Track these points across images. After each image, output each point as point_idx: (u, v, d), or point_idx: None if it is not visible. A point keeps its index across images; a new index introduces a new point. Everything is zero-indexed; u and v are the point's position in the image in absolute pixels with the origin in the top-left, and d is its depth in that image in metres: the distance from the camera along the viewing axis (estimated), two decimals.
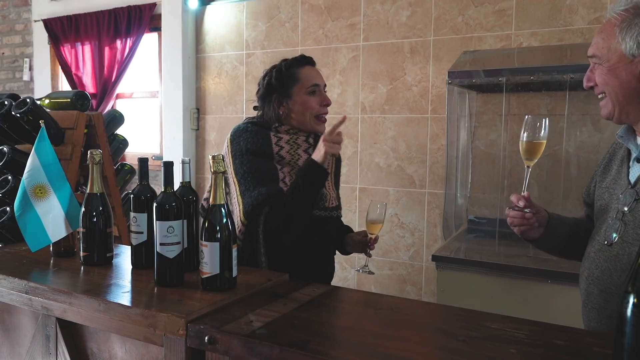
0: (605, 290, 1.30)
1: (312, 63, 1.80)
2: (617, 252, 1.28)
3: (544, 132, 1.40)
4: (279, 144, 1.70)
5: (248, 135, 1.69)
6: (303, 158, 1.72)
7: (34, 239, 1.52)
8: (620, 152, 1.41)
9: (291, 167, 1.71)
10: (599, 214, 1.41)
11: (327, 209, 1.76)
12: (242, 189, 1.64)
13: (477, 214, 2.89)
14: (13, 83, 4.83)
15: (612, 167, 1.42)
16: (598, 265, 1.32)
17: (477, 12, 2.89)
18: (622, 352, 0.86)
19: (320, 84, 1.76)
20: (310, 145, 1.75)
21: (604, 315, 1.31)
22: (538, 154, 1.42)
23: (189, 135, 3.88)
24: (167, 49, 3.86)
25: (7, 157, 2.56)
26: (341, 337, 1.07)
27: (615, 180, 1.37)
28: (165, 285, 1.30)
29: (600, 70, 1.29)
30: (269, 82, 1.77)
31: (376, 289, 3.26)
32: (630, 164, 1.34)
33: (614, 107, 1.29)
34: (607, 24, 1.29)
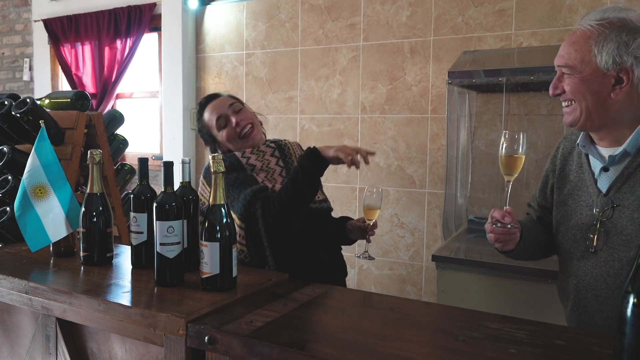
0: (599, 295, 1.33)
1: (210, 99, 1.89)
2: (606, 258, 1.31)
3: (522, 147, 1.39)
4: (245, 155, 1.78)
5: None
6: (273, 161, 1.79)
7: (34, 239, 1.52)
8: (573, 157, 1.44)
9: (266, 173, 1.76)
10: (563, 219, 1.44)
11: (316, 202, 1.80)
12: (229, 201, 1.68)
13: (477, 214, 2.89)
14: (13, 83, 4.83)
15: (568, 173, 1.45)
16: (587, 272, 1.36)
17: (477, 12, 2.89)
18: (622, 352, 0.86)
19: (222, 113, 1.82)
20: (273, 149, 1.82)
21: (599, 317, 1.33)
22: (517, 168, 1.41)
23: (189, 135, 3.88)
24: (167, 49, 3.86)
25: (7, 157, 2.56)
26: (341, 337, 1.07)
27: (578, 187, 1.40)
28: (165, 285, 1.30)
29: (571, 80, 1.32)
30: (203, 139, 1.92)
31: (376, 289, 3.26)
32: (595, 173, 1.37)
33: (581, 114, 1.32)
34: (579, 36, 1.31)
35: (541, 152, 2.68)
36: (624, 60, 1.24)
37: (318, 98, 3.42)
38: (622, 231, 1.29)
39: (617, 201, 1.30)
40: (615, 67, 1.25)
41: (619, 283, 1.28)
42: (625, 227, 1.28)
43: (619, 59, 1.25)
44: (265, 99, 3.61)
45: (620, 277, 1.28)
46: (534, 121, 2.74)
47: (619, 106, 1.28)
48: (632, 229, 1.27)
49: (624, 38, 1.24)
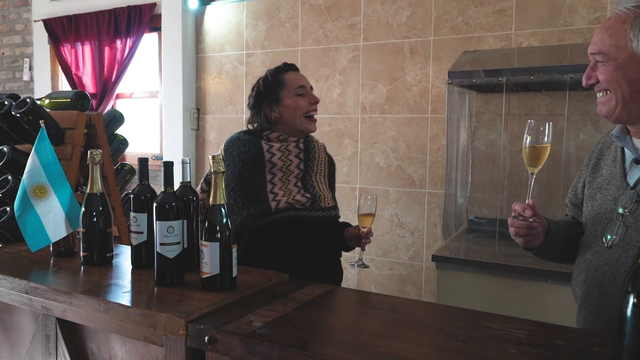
0: (606, 294, 1.27)
1: (295, 69, 1.89)
2: (620, 254, 1.25)
3: (547, 136, 1.32)
4: (270, 151, 1.76)
5: (241, 144, 1.78)
6: (295, 163, 1.79)
7: (34, 239, 1.52)
8: (610, 151, 1.38)
9: (283, 173, 1.76)
10: (590, 215, 1.38)
11: (324, 209, 1.79)
12: (230, 202, 1.70)
13: (477, 214, 2.89)
14: (13, 83, 4.83)
15: (602, 167, 1.39)
16: (597, 268, 1.30)
17: (477, 12, 2.89)
18: (622, 352, 0.85)
19: (306, 85, 1.84)
20: (300, 151, 1.81)
21: (604, 318, 1.28)
22: (542, 159, 1.34)
23: (189, 135, 3.88)
24: (167, 49, 3.86)
25: (7, 157, 2.56)
26: (341, 337, 1.07)
27: (609, 181, 1.34)
28: (165, 285, 1.30)
29: (605, 68, 1.24)
30: (257, 92, 1.85)
31: (376, 289, 3.26)
32: (626, 165, 1.31)
33: (616, 105, 1.25)
34: (614, 20, 1.24)
35: None
36: None
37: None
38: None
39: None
40: None
41: None
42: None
43: None
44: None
45: None
46: None
47: None
48: None
49: None
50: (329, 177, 1.93)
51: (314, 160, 1.84)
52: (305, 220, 1.72)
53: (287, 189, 1.75)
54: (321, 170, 1.88)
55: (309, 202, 1.75)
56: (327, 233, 1.80)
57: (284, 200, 1.72)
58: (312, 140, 1.89)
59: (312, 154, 1.84)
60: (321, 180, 1.87)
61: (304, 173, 1.80)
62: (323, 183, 1.87)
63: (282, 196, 1.73)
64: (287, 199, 1.72)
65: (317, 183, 1.84)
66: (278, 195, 1.73)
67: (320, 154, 1.88)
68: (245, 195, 1.70)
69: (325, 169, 1.91)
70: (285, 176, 1.76)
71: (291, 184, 1.76)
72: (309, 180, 1.82)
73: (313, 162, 1.84)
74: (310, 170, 1.83)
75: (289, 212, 1.71)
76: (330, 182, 1.93)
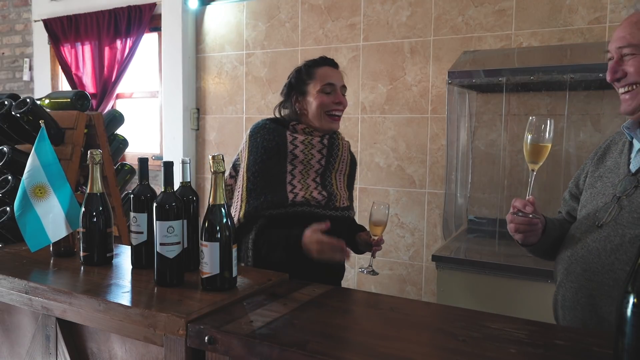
0: (588, 269, 1.29)
1: (332, 64, 1.85)
2: (609, 233, 1.27)
3: (549, 134, 1.34)
4: (294, 142, 1.75)
5: (265, 132, 1.77)
6: (316, 158, 1.78)
7: (34, 239, 1.52)
8: (618, 145, 1.40)
9: (304, 166, 1.76)
10: (586, 202, 1.40)
11: (338, 209, 1.79)
12: (249, 186, 1.70)
13: (477, 214, 2.89)
14: (13, 83, 4.83)
15: (607, 159, 1.41)
16: (584, 246, 1.32)
17: (477, 12, 2.89)
18: (622, 352, 0.85)
19: (336, 84, 1.80)
20: (324, 146, 1.80)
21: (582, 294, 1.30)
22: (543, 157, 1.35)
23: (189, 135, 3.88)
24: (167, 49, 3.86)
25: (7, 157, 2.56)
26: (341, 337, 1.07)
27: (611, 170, 1.37)
28: (165, 285, 1.30)
29: (636, 60, 1.24)
30: (289, 81, 1.85)
31: (376, 289, 3.26)
32: (631, 154, 1.33)
33: None
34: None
35: None
36: None
37: None
38: (637, 209, 1.24)
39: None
40: None
41: (612, 260, 1.25)
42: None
43: None
44: (265, 99, 3.61)
45: (616, 254, 1.24)
46: None
47: None
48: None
49: None
50: (349, 177, 1.92)
51: (336, 158, 1.83)
52: (318, 218, 1.71)
53: (306, 183, 1.74)
54: (342, 169, 1.87)
55: (325, 201, 1.75)
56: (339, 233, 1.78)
57: (301, 195, 1.71)
58: (338, 137, 1.87)
59: (336, 151, 1.83)
60: (340, 179, 1.86)
61: (324, 169, 1.79)
62: (342, 182, 1.86)
63: (299, 189, 1.72)
64: (304, 194, 1.71)
65: (336, 181, 1.84)
66: (296, 187, 1.72)
67: (343, 152, 1.87)
68: (264, 181, 1.69)
69: (347, 168, 1.90)
70: (305, 170, 1.76)
71: (310, 178, 1.76)
72: (328, 177, 1.81)
73: (335, 159, 1.83)
74: (332, 167, 1.82)
75: (304, 208, 1.71)
76: (349, 181, 1.92)
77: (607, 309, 1.24)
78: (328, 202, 1.76)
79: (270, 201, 1.67)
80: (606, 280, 1.25)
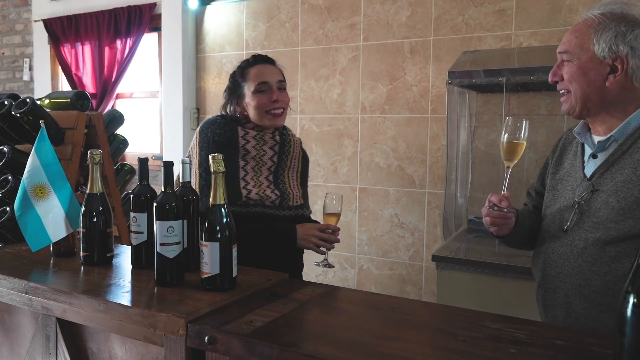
0: (561, 272, 1.40)
1: (265, 61, 1.83)
2: (573, 238, 1.38)
3: (524, 133, 1.43)
4: (245, 137, 1.74)
5: (216, 127, 1.75)
6: (269, 154, 1.76)
7: (34, 239, 1.52)
8: (572, 147, 1.50)
9: (256, 162, 1.74)
10: (550, 203, 1.50)
11: (292, 208, 1.78)
12: (202, 183, 1.69)
13: (477, 214, 2.88)
14: (13, 83, 4.83)
15: (564, 160, 1.51)
16: (554, 250, 1.42)
17: (477, 12, 2.89)
18: (622, 352, 0.85)
19: (270, 81, 1.77)
20: (276, 143, 1.79)
21: (558, 294, 1.41)
22: (518, 154, 1.45)
23: (189, 135, 3.88)
24: (167, 49, 3.86)
25: (7, 157, 2.56)
26: (341, 337, 1.06)
27: (569, 173, 1.46)
28: (165, 285, 1.30)
29: (569, 67, 1.37)
30: (227, 86, 1.85)
31: (376, 289, 3.26)
32: (585, 159, 1.43)
33: (576, 103, 1.38)
34: (582, 24, 1.37)
35: (541, 152, 2.68)
36: (620, 49, 1.30)
37: (318, 98, 3.42)
38: (595, 214, 1.34)
39: (597, 186, 1.35)
40: (611, 55, 1.31)
41: (579, 262, 1.35)
42: (598, 210, 1.34)
43: (615, 48, 1.30)
44: None
45: (582, 257, 1.35)
46: (534, 121, 2.74)
47: (614, 95, 1.34)
48: (604, 212, 1.32)
49: (622, 28, 1.30)
50: (302, 174, 1.91)
51: (288, 154, 1.82)
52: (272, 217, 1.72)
53: (258, 181, 1.73)
54: (294, 166, 1.86)
55: (278, 200, 1.74)
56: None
57: (255, 192, 1.70)
58: (289, 133, 1.86)
59: (287, 147, 1.81)
60: (292, 177, 1.85)
61: (276, 166, 1.78)
62: (294, 180, 1.85)
63: (252, 186, 1.71)
64: (257, 191, 1.71)
65: (289, 179, 1.83)
66: (249, 184, 1.71)
67: (295, 148, 1.85)
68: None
69: (299, 164, 1.89)
70: (257, 166, 1.74)
71: (262, 175, 1.74)
72: (281, 175, 1.80)
73: (287, 156, 1.82)
74: (284, 164, 1.80)
75: (258, 208, 1.71)
76: (302, 178, 1.91)
77: (581, 306, 1.36)
78: (282, 202, 1.75)
79: None
80: (577, 280, 1.36)
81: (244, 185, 1.70)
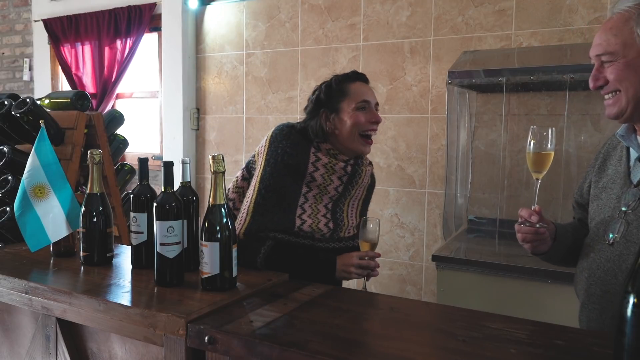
0: (608, 291, 1.27)
1: (364, 79, 1.75)
2: (621, 251, 1.25)
3: (551, 142, 1.34)
4: (315, 164, 1.62)
5: (289, 145, 1.62)
6: (335, 184, 1.65)
7: (34, 239, 1.52)
8: (617, 152, 1.38)
9: (319, 191, 1.64)
10: (595, 214, 1.38)
11: (342, 239, 1.70)
12: (258, 200, 1.58)
13: (477, 214, 2.89)
14: (13, 83, 4.83)
15: (608, 167, 1.39)
16: (600, 266, 1.30)
17: (477, 12, 2.89)
18: (622, 352, 0.85)
19: (370, 101, 1.69)
20: (345, 174, 1.66)
21: (607, 316, 1.28)
22: (546, 166, 1.35)
23: (189, 135, 3.88)
24: (167, 49, 3.86)
25: (7, 157, 2.56)
26: (341, 336, 1.06)
27: (614, 180, 1.34)
28: (165, 285, 1.30)
29: (615, 67, 1.23)
30: (317, 97, 1.69)
31: (376, 289, 3.26)
32: (631, 163, 1.31)
33: (627, 104, 1.24)
34: (616, 20, 1.24)
35: None
36: None
37: None
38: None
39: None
40: None
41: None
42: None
43: None
44: (265, 99, 3.61)
45: None
46: (534, 121, 2.74)
47: None
48: None
49: None
50: (364, 201, 1.81)
51: (354, 185, 1.70)
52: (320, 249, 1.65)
53: (316, 209, 1.63)
54: (358, 195, 1.75)
55: (329, 233, 1.65)
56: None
57: (308, 223, 1.61)
58: (363, 163, 1.72)
59: (357, 179, 1.69)
60: (353, 205, 1.75)
61: (339, 196, 1.68)
62: (354, 208, 1.76)
63: (308, 216, 1.62)
64: (311, 222, 1.61)
65: (348, 207, 1.73)
66: (305, 213, 1.61)
67: (364, 179, 1.72)
68: (276, 199, 1.57)
69: (364, 192, 1.78)
70: (319, 194, 1.64)
71: (322, 204, 1.65)
72: (341, 204, 1.70)
73: (353, 187, 1.70)
74: (347, 194, 1.70)
75: (307, 240, 1.63)
76: (363, 206, 1.81)
77: None
78: (332, 234, 1.66)
79: (277, 222, 1.56)
80: None
81: (300, 214, 1.60)
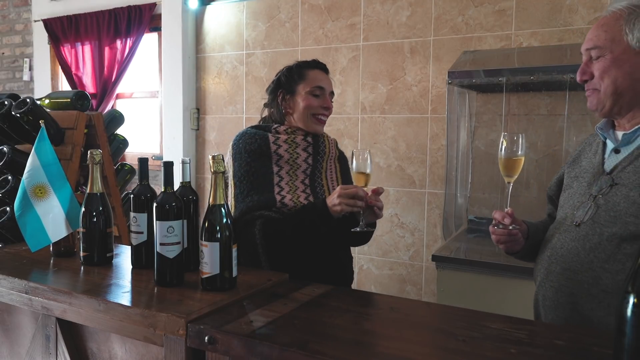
0: (568, 269, 1.31)
1: (323, 68, 1.83)
2: (587, 232, 1.30)
3: (521, 148, 1.40)
4: (276, 142, 1.73)
5: (247, 137, 1.75)
6: (302, 156, 1.74)
7: (34, 239, 1.52)
8: (592, 147, 1.44)
9: (290, 166, 1.73)
10: (564, 202, 1.43)
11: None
12: (236, 192, 1.68)
13: (477, 214, 2.89)
14: (13, 83, 4.83)
15: (582, 160, 1.45)
16: (563, 245, 1.34)
17: (477, 12, 2.89)
18: (622, 352, 0.85)
19: (325, 88, 1.79)
20: (309, 144, 1.76)
21: (563, 293, 1.32)
22: (517, 170, 1.42)
23: (189, 135, 3.88)
24: (167, 49, 3.86)
25: (7, 157, 2.56)
26: (341, 337, 1.06)
27: (587, 170, 1.40)
28: (165, 285, 1.30)
29: (601, 62, 1.30)
30: (278, 79, 1.83)
31: (376, 289, 3.26)
32: (606, 155, 1.37)
33: (606, 99, 1.31)
34: (609, 18, 1.30)
35: (541, 152, 2.69)
36: None
37: None
38: (613, 207, 1.27)
39: (618, 180, 1.29)
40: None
41: (590, 258, 1.27)
42: (617, 204, 1.26)
43: None
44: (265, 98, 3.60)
45: (594, 253, 1.27)
46: (534, 121, 2.74)
47: None
48: (624, 206, 1.25)
49: None
50: (343, 174, 1.88)
51: (323, 155, 1.79)
52: None
53: (294, 185, 1.71)
54: (331, 167, 1.84)
55: None
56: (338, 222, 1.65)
57: (289, 198, 1.68)
58: (322, 138, 1.82)
59: (322, 148, 1.79)
60: (332, 179, 1.83)
61: (312, 169, 1.76)
62: (334, 181, 1.83)
63: (287, 192, 1.69)
64: (291, 197, 1.68)
65: (327, 181, 1.80)
66: (284, 190, 1.69)
67: (330, 149, 1.82)
68: (251, 183, 1.67)
69: (336, 164, 1.87)
70: (292, 170, 1.73)
71: (298, 180, 1.72)
72: (318, 179, 1.78)
73: (323, 157, 1.79)
74: (320, 166, 1.78)
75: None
76: (344, 178, 1.88)
77: (588, 307, 1.27)
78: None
79: (258, 201, 1.64)
80: (586, 278, 1.27)
81: (278, 191, 1.68)
